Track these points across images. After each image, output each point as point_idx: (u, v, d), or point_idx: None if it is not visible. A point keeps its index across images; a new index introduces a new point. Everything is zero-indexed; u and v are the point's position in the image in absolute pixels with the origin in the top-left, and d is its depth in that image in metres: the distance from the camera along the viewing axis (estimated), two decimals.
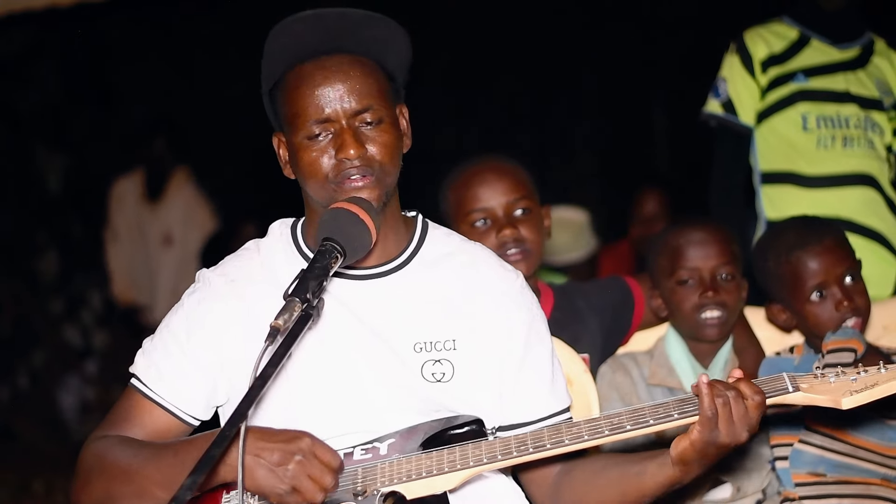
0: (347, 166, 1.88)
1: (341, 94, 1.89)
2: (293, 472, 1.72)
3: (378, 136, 1.91)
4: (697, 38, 6.21)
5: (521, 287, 2.04)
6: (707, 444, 1.77)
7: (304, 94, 1.90)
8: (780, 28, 3.54)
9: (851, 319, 2.52)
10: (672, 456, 1.80)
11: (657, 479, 1.84)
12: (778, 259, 2.61)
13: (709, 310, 2.63)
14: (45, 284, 7.41)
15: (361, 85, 1.90)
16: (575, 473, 1.96)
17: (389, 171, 1.92)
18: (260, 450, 1.73)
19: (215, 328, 1.94)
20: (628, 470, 1.89)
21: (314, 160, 1.90)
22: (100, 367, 7.15)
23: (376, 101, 1.91)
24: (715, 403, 1.75)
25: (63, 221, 7.45)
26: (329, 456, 1.74)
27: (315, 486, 1.72)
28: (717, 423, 1.75)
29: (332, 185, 1.90)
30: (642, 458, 1.89)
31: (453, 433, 1.86)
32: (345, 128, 1.89)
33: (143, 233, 6.30)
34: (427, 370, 1.91)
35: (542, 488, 2.00)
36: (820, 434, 2.50)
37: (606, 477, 1.92)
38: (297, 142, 1.92)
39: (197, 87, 7.27)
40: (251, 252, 2.03)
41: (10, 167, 7.30)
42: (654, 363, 2.68)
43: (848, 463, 2.49)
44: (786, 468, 2.52)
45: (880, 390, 1.81)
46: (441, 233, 2.07)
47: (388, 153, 1.91)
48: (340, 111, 1.89)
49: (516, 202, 2.65)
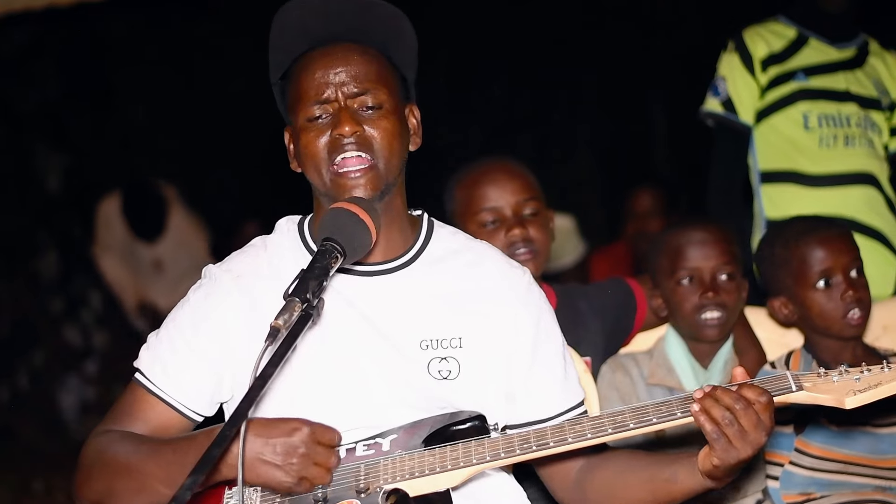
0: (343, 143, 1.89)
1: (342, 78, 1.91)
2: (299, 463, 1.73)
3: (377, 120, 1.92)
4: (697, 37, 6.21)
5: (528, 284, 2.04)
6: (730, 464, 1.76)
7: (307, 77, 1.93)
8: (778, 27, 3.54)
9: (855, 311, 2.52)
10: (700, 471, 1.80)
11: (688, 486, 1.84)
12: (785, 245, 2.60)
13: (709, 310, 2.62)
14: (45, 284, 7.40)
15: (362, 69, 1.92)
16: (599, 470, 1.95)
17: (387, 159, 1.92)
18: (262, 447, 1.73)
19: (220, 324, 1.94)
20: (658, 473, 1.88)
21: (311, 140, 1.92)
22: (100, 367, 7.15)
23: (376, 86, 1.92)
24: (720, 427, 1.73)
25: (63, 221, 7.44)
26: (328, 436, 1.77)
27: (322, 470, 1.75)
28: (730, 443, 1.74)
29: (328, 164, 1.90)
30: (672, 462, 1.88)
31: (456, 429, 1.86)
32: (342, 107, 1.90)
33: (135, 257, 6.28)
34: (433, 367, 1.92)
35: (564, 484, 2.00)
36: (810, 456, 2.50)
37: (635, 476, 1.92)
38: (299, 126, 1.94)
39: (196, 87, 7.27)
40: (257, 248, 2.03)
41: (10, 167, 7.29)
42: (654, 363, 2.68)
43: (839, 480, 2.49)
44: (776, 488, 2.52)
45: (884, 390, 1.80)
46: (447, 231, 2.08)
47: (387, 137, 1.91)
48: (340, 93, 1.91)
49: (525, 202, 2.66)
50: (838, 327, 2.54)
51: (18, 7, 5.40)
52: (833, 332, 2.55)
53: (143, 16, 6.95)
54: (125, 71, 7.40)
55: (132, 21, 6.94)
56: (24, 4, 5.37)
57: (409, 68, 2.02)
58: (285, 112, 2.02)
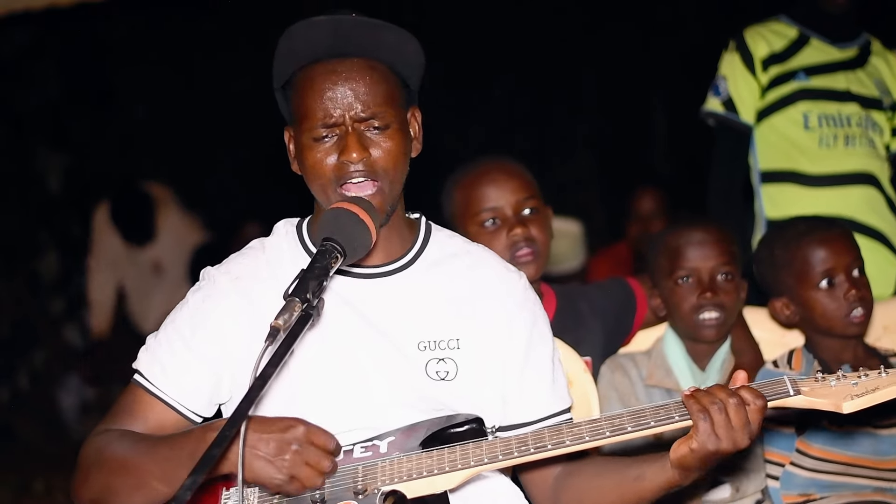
0: (349, 169, 1.90)
1: (349, 100, 1.90)
2: (290, 461, 1.72)
3: (383, 142, 1.91)
4: (697, 37, 6.21)
5: (524, 288, 2.05)
6: (707, 451, 1.77)
7: (313, 96, 1.91)
8: (779, 27, 3.54)
9: (858, 310, 2.52)
10: (671, 459, 1.80)
11: (656, 482, 1.84)
12: (787, 246, 2.60)
13: (707, 311, 2.62)
14: (45, 284, 7.41)
15: (370, 91, 1.91)
16: (574, 475, 1.96)
17: (393, 178, 1.93)
18: (256, 441, 1.73)
19: (219, 325, 1.95)
20: (627, 473, 1.89)
21: (318, 161, 1.92)
22: None
23: (384, 108, 1.92)
24: (707, 408, 1.74)
25: (63, 221, 7.45)
26: (324, 439, 1.75)
27: (313, 472, 1.73)
28: (713, 429, 1.75)
29: (334, 186, 1.91)
30: (641, 461, 1.89)
31: (453, 432, 1.86)
32: (350, 132, 1.90)
33: (133, 263, 6.27)
34: (431, 368, 1.92)
35: (541, 489, 2.01)
36: (810, 457, 2.49)
37: (605, 479, 1.92)
38: (303, 141, 1.94)
39: (196, 87, 7.27)
40: (256, 251, 2.03)
41: (10, 167, 7.30)
42: (652, 364, 2.68)
43: (840, 482, 2.48)
44: (776, 488, 2.52)
45: (881, 395, 1.80)
46: (444, 234, 2.09)
47: (392, 159, 1.92)
48: (347, 116, 1.90)
49: (525, 201, 2.65)
50: (841, 327, 2.54)
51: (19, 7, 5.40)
52: (836, 332, 2.55)
53: (144, 16, 6.95)
54: (126, 71, 7.41)
55: (133, 21, 6.95)
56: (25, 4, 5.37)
57: (413, 77, 2.01)
58: (288, 116, 2.02)
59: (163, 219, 6.26)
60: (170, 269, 6.21)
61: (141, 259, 6.27)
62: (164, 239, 6.25)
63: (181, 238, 6.24)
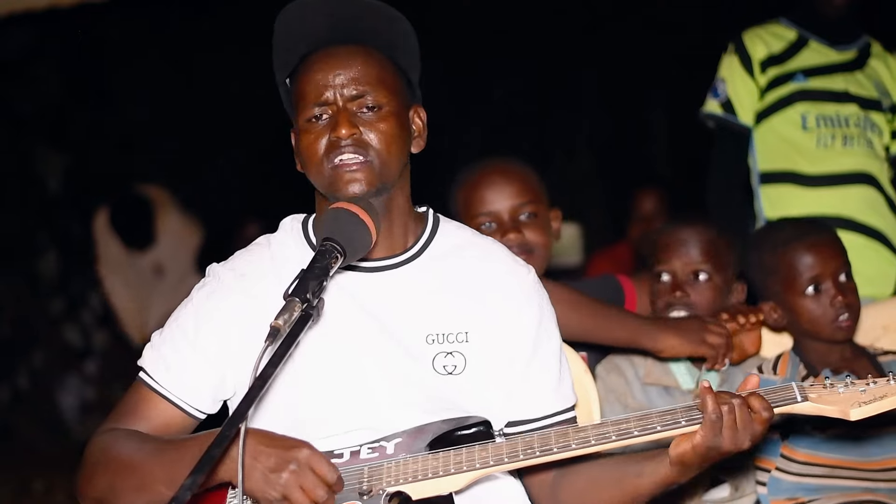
0: (340, 145, 1.90)
1: (342, 80, 1.92)
2: (286, 480, 1.70)
3: (376, 122, 1.92)
4: (697, 38, 6.21)
5: (533, 282, 2.03)
6: (709, 449, 1.77)
7: (308, 79, 1.94)
8: (778, 29, 3.55)
9: (844, 316, 2.52)
10: (671, 456, 1.80)
11: (654, 479, 1.84)
12: (774, 252, 2.60)
13: (675, 309, 2.61)
14: (45, 284, 7.41)
15: (362, 71, 1.93)
16: (573, 473, 1.95)
17: (385, 160, 1.92)
18: (258, 453, 1.72)
19: (224, 322, 1.94)
20: (626, 470, 1.89)
21: (311, 142, 1.92)
22: (100, 367, 7.15)
23: (375, 88, 1.93)
24: (720, 408, 1.75)
25: (63, 221, 7.45)
26: (325, 469, 1.72)
27: (305, 498, 1.70)
28: (720, 429, 1.75)
29: (327, 165, 1.91)
30: (640, 458, 1.89)
31: (461, 434, 1.85)
32: (340, 109, 1.91)
33: (134, 267, 6.27)
34: (438, 362, 1.91)
35: (541, 489, 2.00)
36: (796, 462, 2.49)
37: (605, 478, 1.92)
38: (300, 126, 1.95)
39: (196, 87, 7.27)
40: (262, 247, 2.03)
41: (10, 167, 7.30)
42: (650, 361, 2.67)
43: (827, 484, 2.48)
44: (764, 494, 2.52)
45: (889, 402, 1.79)
46: (452, 226, 2.08)
47: (384, 140, 1.91)
48: (339, 95, 1.92)
49: (522, 206, 2.63)
50: (828, 332, 2.54)
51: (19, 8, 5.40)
52: (823, 337, 2.56)
53: (144, 16, 6.95)
54: (125, 71, 7.40)
55: (132, 21, 6.94)
56: (25, 5, 5.38)
57: (412, 70, 2.02)
58: (291, 112, 2.03)
59: (162, 222, 6.26)
60: (171, 270, 6.21)
61: (142, 263, 6.27)
62: (164, 242, 6.25)
63: (181, 240, 6.24)
